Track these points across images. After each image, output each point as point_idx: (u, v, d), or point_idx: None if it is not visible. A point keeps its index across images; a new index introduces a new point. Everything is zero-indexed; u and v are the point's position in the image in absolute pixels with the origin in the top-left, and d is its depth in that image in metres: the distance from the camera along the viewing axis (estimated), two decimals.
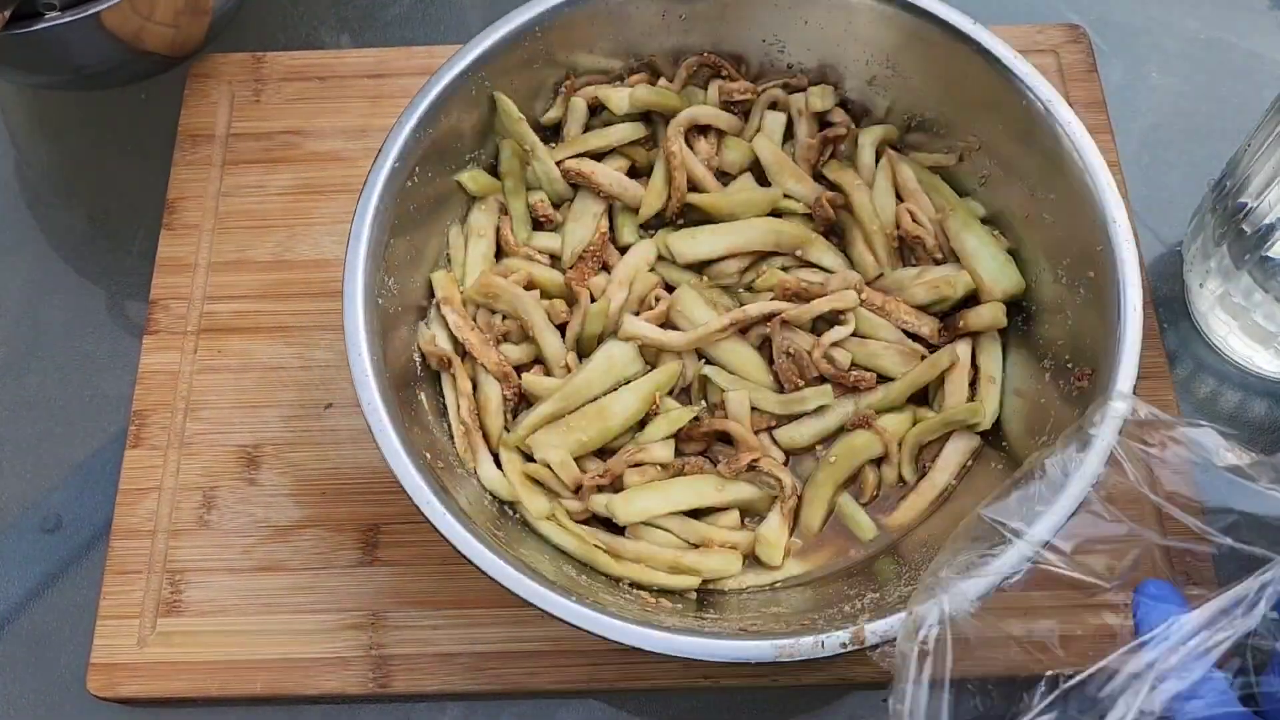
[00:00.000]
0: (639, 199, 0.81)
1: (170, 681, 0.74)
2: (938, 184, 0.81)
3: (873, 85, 0.82)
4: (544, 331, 0.76)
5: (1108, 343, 0.67)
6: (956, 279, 0.76)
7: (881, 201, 0.80)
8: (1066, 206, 0.73)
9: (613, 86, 0.83)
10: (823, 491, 0.74)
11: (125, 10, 0.82)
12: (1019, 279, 0.76)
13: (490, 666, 0.74)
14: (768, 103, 0.83)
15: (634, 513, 0.72)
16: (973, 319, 0.76)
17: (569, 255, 0.80)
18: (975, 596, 0.58)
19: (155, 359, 0.84)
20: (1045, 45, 0.93)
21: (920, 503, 0.74)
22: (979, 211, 0.80)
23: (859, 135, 0.82)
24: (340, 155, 0.91)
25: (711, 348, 0.76)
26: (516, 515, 0.73)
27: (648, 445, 0.73)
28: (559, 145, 0.82)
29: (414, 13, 1.02)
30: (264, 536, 0.78)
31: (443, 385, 0.76)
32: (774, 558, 0.72)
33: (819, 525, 0.74)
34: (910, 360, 0.76)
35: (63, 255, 0.92)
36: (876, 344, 0.76)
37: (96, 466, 0.83)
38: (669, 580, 0.71)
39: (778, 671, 0.74)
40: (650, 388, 0.74)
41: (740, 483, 0.74)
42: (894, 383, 0.76)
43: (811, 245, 0.79)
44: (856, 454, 0.75)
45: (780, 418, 0.76)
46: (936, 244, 0.79)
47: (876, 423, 0.75)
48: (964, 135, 0.79)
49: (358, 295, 0.69)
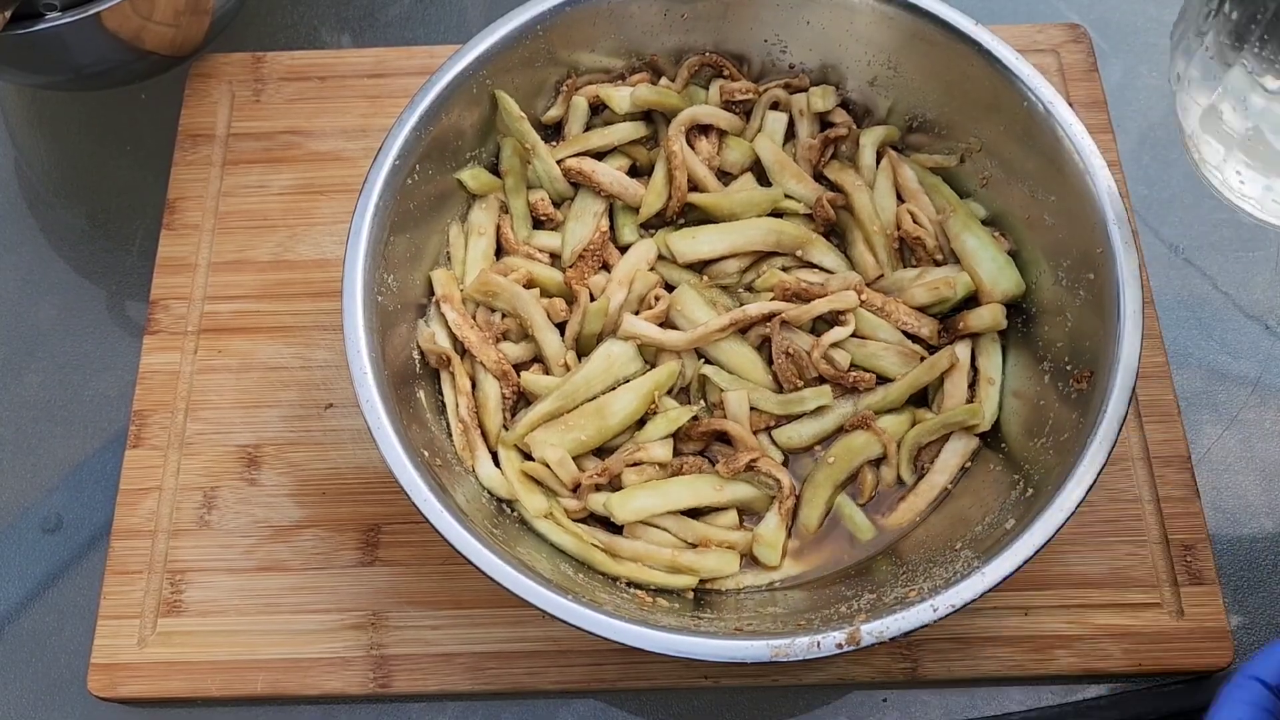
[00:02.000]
0: (639, 198, 0.81)
1: (170, 681, 0.74)
2: (939, 185, 0.81)
3: (874, 86, 0.82)
4: (543, 330, 0.76)
5: (1107, 344, 0.67)
6: (956, 280, 0.76)
7: (882, 202, 0.80)
8: (1067, 208, 0.73)
9: (614, 85, 0.83)
10: (821, 492, 0.74)
11: (126, 10, 0.82)
12: (1019, 280, 0.76)
13: (490, 666, 0.74)
14: (769, 103, 0.83)
15: (631, 512, 0.72)
16: (973, 320, 0.76)
17: (569, 254, 0.80)
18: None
19: (155, 359, 0.84)
20: (1045, 45, 0.93)
21: (919, 504, 0.74)
22: (980, 213, 0.80)
23: (860, 136, 0.82)
24: (340, 155, 0.91)
25: (711, 347, 0.76)
26: (514, 513, 0.73)
27: (646, 444, 0.74)
28: (560, 144, 0.82)
29: (414, 13, 1.02)
30: (264, 536, 0.78)
31: (441, 383, 0.76)
32: (772, 558, 0.73)
33: (816, 525, 0.74)
34: (910, 361, 0.76)
35: (63, 255, 0.92)
36: (876, 345, 0.76)
37: (97, 467, 0.83)
38: (666, 579, 0.71)
39: (777, 671, 0.74)
40: (649, 387, 0.75)
41: (738, 482, 0.74)
42: (893, 384, 0.76)
43: (812, 246, 0.79)
44: (855, 455, 0.75)
45: (779, 418, 0.76)
46: (937, 245, 0.79)
47: (875, 423, 0.75)
48: (965, 136, 0.79)
49: (357, 293, 0.69)
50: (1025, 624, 0.74)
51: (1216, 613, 0.74)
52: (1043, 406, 0.72)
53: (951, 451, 0.75)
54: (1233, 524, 0.80)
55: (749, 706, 0.75)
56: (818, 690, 0.75)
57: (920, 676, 0.74)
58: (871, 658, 0.74)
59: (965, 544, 0.68)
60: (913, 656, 0.74)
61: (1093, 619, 0.74)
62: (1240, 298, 0.87)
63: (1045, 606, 0.75)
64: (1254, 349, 0.85)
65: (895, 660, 0.74)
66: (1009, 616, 0.74)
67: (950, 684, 0.75)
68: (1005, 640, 0.74)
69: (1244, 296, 0.87)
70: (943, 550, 0.68)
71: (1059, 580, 0.75)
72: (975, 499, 0.72)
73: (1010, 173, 0.77)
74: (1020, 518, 0.65)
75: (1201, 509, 0.77)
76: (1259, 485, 0.81)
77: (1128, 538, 0.77)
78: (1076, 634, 0.74)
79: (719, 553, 0.72)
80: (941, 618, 0.61)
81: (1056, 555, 0.76)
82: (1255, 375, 0.85)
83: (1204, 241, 0.89)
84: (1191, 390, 0.83)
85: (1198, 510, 0.77)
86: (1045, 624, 0.74)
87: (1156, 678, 0.74)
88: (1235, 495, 0.81)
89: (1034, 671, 0.74)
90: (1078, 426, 0.67)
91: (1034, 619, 0.74)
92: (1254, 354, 0.85)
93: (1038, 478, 0.68)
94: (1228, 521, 0.80)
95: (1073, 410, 0.69)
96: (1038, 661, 0.73)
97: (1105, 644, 0.74)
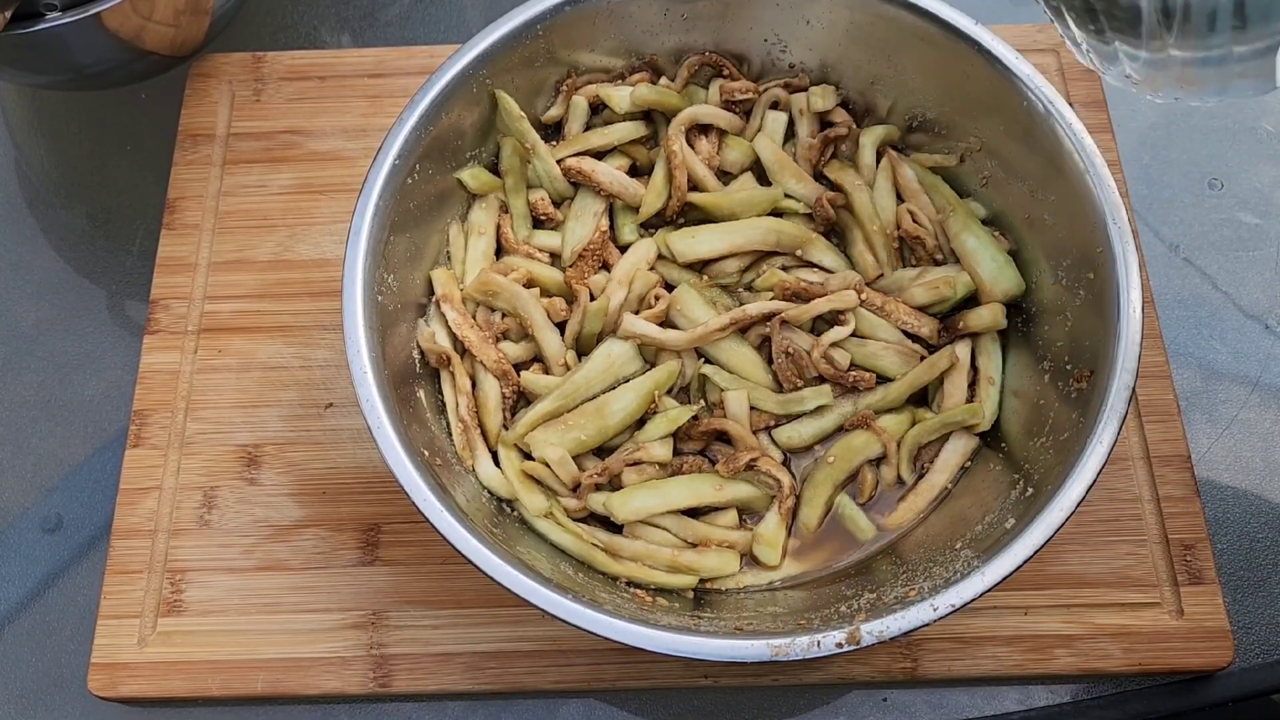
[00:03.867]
0: (639, 198, 0.81)
1: (171, 681, 0.74)
2: (939, 184, 0.81)
3: (874, 85, 0.82)
4: (543, 329, 0.76)
5: (1107, 344, 0.67)
6: (956, 280, 0.76)
7: (882, 202, 0.80)
8: (1067, 207, 0.73)
9: (614, 85, 0.83)
10: (821, 491, 0.74)
11: (126, 10, 0.82)
12: (1019, 280, 0.76)
13: (490, 666, 0.74)
14: (769, 102, 0.83)
15: (631, 511, 0.72)
16: (972, 320, 0.76)
17: (569, 253, 0.80)
18: None
19: (156, 359, 0.84)
20: (1045, 44, 0.93)
21: (919, 503, 0.74)
22: (980, 212, 0.80)
23: (860, 135, 0.82)
24: (340, 155, 0.91)
25: (711, 347, 0.76)
26: (514, 513, 0.73)
27: (646, 444, 0.74)
28: (560, 143, 0.82)
29: (414, 13, 1.02)
30: (264, 536, 0.78)
31: (441, 383, 0.76)
32: (771, 557, 0.73)
33: (817, 524, 0.74)
34: (910, 361, 0.76)
35: (63, 255, 0.92)
36: (876, 344, 0.76)
37: (97, 466, 0.83)
38: (667, 579, 0.71)
39: (777, 671, 0.74)
40: (649, 386, 0.75)
41: (738, 482, 0.74)
42: (893, 383, 0.76)
43: (812, 245, 0.79)
44: (855, 454, 0.75)
45: (779, 417, 0.76)
46: (937, 244, 0.79)
47: (875, 423, 0.75)
48: (965, 136, 0.79)
49: (357, 292, 0.69)
50: (1025, 624, 0.74)
51: (1216, 612, 0.74)
52: (1042, 406, 0.72)
53: (951, 451, 0.75)
54: (1233, 524, 0.80)
55: (749, 706, 0.75)
56: (818, 689, 0.75)
57: (920, 676, 0.74)
58: (871, 657, 0.74)
59: (965, 543, 0.68)
60: (912, 656, 0.74)
61: (1092, 619, 0.74)
62: (1240, 297, 0.87)
63: (1045, 606, 0.75)
64: (1254, 348, 0.85)
65: (895, 660, 0.74)
66: (1009, 616, 0.74)
67: (950, 683, 0.75)
68: (1005, 640, 0.74)
69: (1244, 296, 0.87)
70: (943, 550, 0.68)
71: (1059, 580, 0.75)
72: (975, 498, 0.72)
73: (1010, 172, 0.77)
74: (1020, 517, 0.65)
75: (1201, 508, 0.77)
76: (1259, 485, 0.81)
77: (1127, 537, 0.77)
78: (1076, 634, 0.74)
79: (719, 552, 0.72)
80: (941, 617, 0.61)
81: (1056, 555, 0.76)
82: (1255, 375, 0.85)
83: (1204, 241, 0.89)
84: (1191, 390, 0.83)
85: (1197, 510, 0.77)
86: (1045, 624, 0.74)
87: (1156, 677, 0.74)
88: (1235, 495, 0.81)
89: (1033, 671, 0.74)
90: (1078, 426, 0.67)
91: (1034, 619, 0.74)
92: (1254, 354, 0.85)
93: (1037, 477, 0.68)
94: (1228, 521, 0.80)
95: (1073, 410, 0.69)
96: (1037, 661, 0.73)
97: (1105, 644, 0.74)
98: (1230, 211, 0.90)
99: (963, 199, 0.80)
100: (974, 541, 0.67)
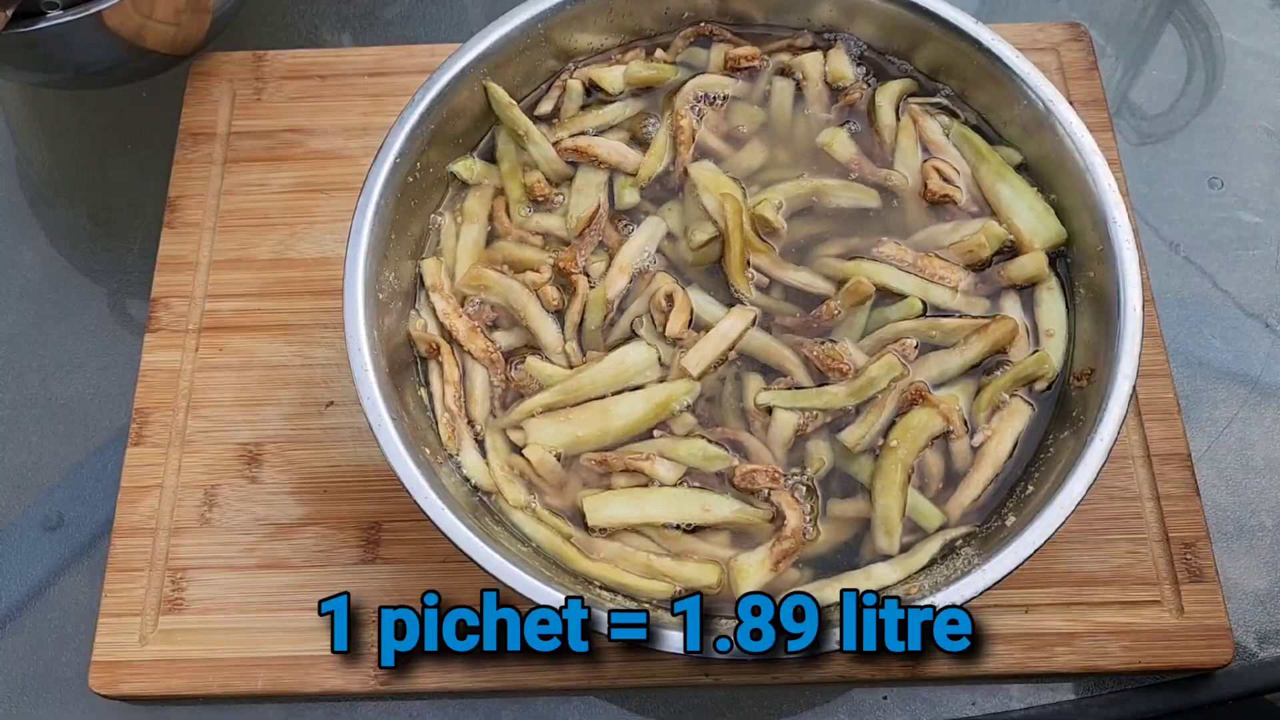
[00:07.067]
0: (639, 165, 0.78)
1: (172, 679, 0.74)
2: (967, 134, 0.77)
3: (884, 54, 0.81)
4: (538, 319, 0.75)
5: (1107, 342, 0.67)
6: (989, 234, 0.73)
7: (908, 163, 0.77)
8: (1067, 206, 0.73)
9: (607, 66, 0.81)
10: (893, 479, 0.69)
11: (127, 9, 0.82)
12: (1059, 228, 0.73)
13: (490, 664, 0.74)
14: (776, 69, 0.81)
15: (603, 518, 0.69)
16: (1014, 271, 0.73)
17: (575, 222, 0.77)
18: None
19: (157, 357, 0.84)
20: (1045, 43, 0.93)
21: (980, 479, 0.70)
22: (1014, 159, 0.76)
23: (875, 94, 0.79)
24: (341, 153, 0.91)
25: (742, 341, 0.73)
26: (495, 506, 0.71)
27: (657, 458, 0.70)
28: (556, 125, 0.81)
29: (414, 11, 1.02)
30: (265, 534, 0.78)
31: (429, 372, 0.75)
32: (740, 587, 0.67)
33: (898, 516, 0.69)
34: (958, 332, 0.71)
35: (64, 254, 0.92)
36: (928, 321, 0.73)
37: (98, 465, 0.83)
38: (641, 584, 0.68)
39: (778, 669, 0.74)
40: (661, 398, 0.71)
41: (732, 500, 0.70)
42: (951, 360, 0.71)
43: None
44: (919, 433, 0.70)
45: (836, 417, 0.72)
46: (971, 199, 0.76)
47: (930, 395, 0.70)
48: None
49: (358, 291, 0.69)
50: (1025, 621, 0.74)
51: (1216, 610, 0.74)
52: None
53: (1004, 420, 0.71)
54: (1233, 522, 0.80)
55: (749, 703, 0.75)
56: (818, 688, 0.75)
57: (920, 674, 0.74)
58: (871, 655, 0.74)
59: (966, 541, 0.68)
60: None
61: (1093, 616, 0.74)
62: (1240, 296, 0.87)
63: (1045, 604, 0.75)
64: (1254, 347, 0.86)
65: (895, 658, 0.74)
66: (1009, 614, 0.75)
67: (950, 681, 0.75)
68: (1005, 638, 0.74)
69: (1244, 295, 0.87)
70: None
71: (1059, 578, 0.75)
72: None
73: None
74: (1021, 515, 0.65)
75: (1201, 507, 0.77)
76: (1259, 483, 0.81)
77: (1128, 535, 0.77)
78: (1076, 631, 0.74)
79: (699, 563, 0.68)
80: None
81: (1057, 553, 0.76)
82: (1255, 373, 0.85)
83: (1204, 240, 0.89)
84: (1191, 388, 0.84)
85: (1198, 508, 0.77)
86: (1045, 621, 0.74)
87: (1157, 675, 0.74)
88: (1235, 493, 0.81)
89: (1034, 669, 0.74)
90: (1078, 424, 0.67)
91: (1034, 616, 0.75)
92: (1254, 352, 0.85)
93: (1038, 475, 0.68)
94: (1228, 519, 0.80)
95: (1073, 408, 0.69)
96: (1038, 659, 0.74)
97: (1105, 642, 0.74)
98: (1230, 210, 0.90)
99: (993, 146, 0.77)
100: (975, 539, 0.67)
